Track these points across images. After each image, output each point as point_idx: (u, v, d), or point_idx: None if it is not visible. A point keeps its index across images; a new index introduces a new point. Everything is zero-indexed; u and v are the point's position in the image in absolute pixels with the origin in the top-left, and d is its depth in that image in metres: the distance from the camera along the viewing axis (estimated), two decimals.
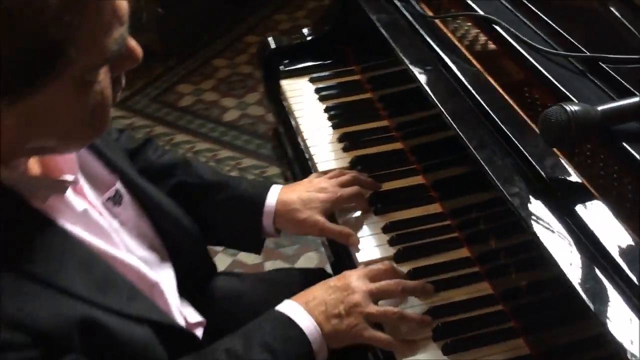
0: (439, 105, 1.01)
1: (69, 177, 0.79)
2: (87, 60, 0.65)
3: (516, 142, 0.89)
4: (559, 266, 0.74)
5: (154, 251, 1.00)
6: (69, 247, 0.77)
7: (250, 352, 0.87)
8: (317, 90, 1.43)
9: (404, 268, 1.04)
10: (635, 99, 0.83)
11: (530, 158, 0.86)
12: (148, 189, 1.00)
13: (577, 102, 0.85)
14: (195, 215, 1.09)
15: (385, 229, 1.11)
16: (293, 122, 1.39)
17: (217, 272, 1.21)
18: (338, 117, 1.36)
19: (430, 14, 1.21)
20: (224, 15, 3.20)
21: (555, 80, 0.94)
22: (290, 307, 0.92)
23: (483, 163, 0.89)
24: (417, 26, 1.17)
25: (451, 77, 1.05)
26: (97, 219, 0.85)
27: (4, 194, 0.72)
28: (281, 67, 1.50)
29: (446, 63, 1.07)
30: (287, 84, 1.47)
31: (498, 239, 1.00)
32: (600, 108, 0.82)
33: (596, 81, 0.94)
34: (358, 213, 1.16)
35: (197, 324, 1.04)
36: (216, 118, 2.73)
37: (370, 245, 1.10)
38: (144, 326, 0.83)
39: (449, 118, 0.98)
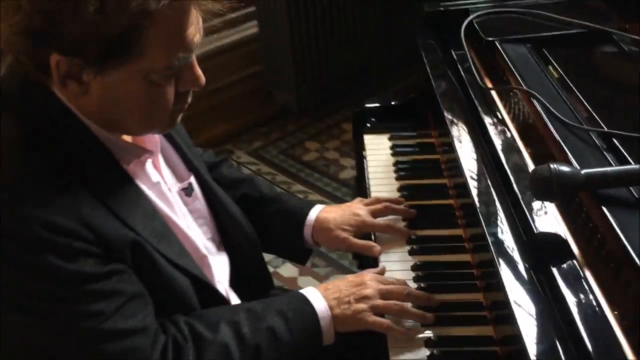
0: (465, 174, 1.15)
1: (151, 153, 1.04)
2: (151, 62, 0.88)
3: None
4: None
5: (213, 242, 1.21)
6: (139, 200, 1.00)
7: (267, 315, 1.05)
8: (393, 147, 1.60)
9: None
10: (620, 167, 0.92)
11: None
12: (217, 190, 1.23)
13: (564, 164, 0.96)
14: (254, 224, 1.29)
15: (414, 267, 1.24)
16: (365, 172, 1.57)
17: (273, 286, 1.39)
18: (404, 170, 1.52)
19: (489, 85, 1.36)
20: (357, 83, 3.46)
21: (568, 149, 1.05)
22: (309, 291, 1.10)
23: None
24: (473, 96, 1.32)
25: (485, 143, 1.19)
26: (167, 193, 1.08)
27: (102, 151, 0.97)
28: (368, 124, 1.70)
29: (487, 132, 1.21)
30: (368, 139, 1.65)
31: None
32: (584, 171, 0.92)
33: (606, 153, 1.03)
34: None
35: None
36: (333, 175, 2.96)
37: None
38: (185, 277, 1.03)
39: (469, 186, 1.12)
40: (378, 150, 1.61)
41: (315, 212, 1.32)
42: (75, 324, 0.91)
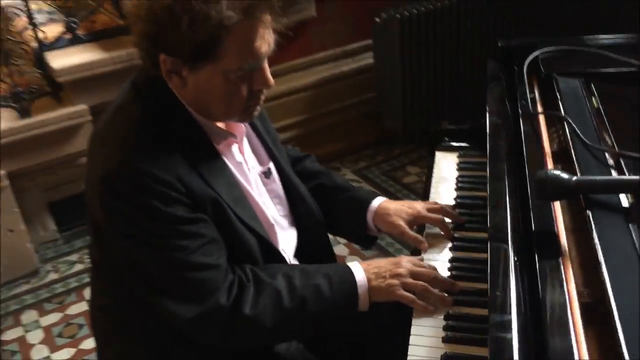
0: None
1: (236, 137, 1.34)
2: (228, 64, 1.18)
3: None
4: None
5: (285, 219, 1.48)
6: (224, 172, 1.30)
7: (316, 275, 1.31)
8: (458, 163, 1.81)
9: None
10: (608, 177, 1.09)
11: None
12: (292, 177, 1.50)
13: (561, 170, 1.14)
14: (327, 209, 1.56)
15: (451, 260, 1.44)
16: (431, 181, 1.78)
17: (334, 261, 1.63)
18: (463, 182, 1.72)
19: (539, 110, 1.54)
20: (461, 112, 3.64)
21: (578, 162, 1.22)
22: (354, 264, 1.35)
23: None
24: (522, 122, 1.51)
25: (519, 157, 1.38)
26: (247, 172, 1.37)
27: (199, 131, 1.28)
28: (442, 143, 1.91)
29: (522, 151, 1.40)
30: (440, 155, 1.87)
31: None
32: (575, 178, 1.10)
33: (612, 170, 1.20)
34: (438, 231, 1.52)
35: None
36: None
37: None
38: (252, 236, 1.31)
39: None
40: (446, 164, 1.82)
41: (378, 201, 1.56)
42: (166, 254, 1.21)
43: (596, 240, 1.02)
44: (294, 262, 1.49)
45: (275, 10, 1.22)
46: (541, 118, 1.51)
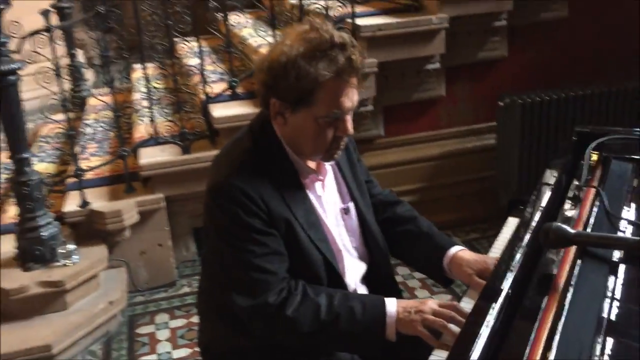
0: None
1: (319, 175, 1.71)
2: (318, 111, 1.54)
3: None
4: None
5: (356, 251, 1.81)
6: (304, 200, 1.66)
7: (354, 299, 1.61)
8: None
9: None
10: (602, 234, 1.32)
11: None
12: (368, 218, 1.82)
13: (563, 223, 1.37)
14: (412, 253, 1.87)
15: None
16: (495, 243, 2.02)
17: (398, 291, 1.91)
18: None
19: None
20: None
21: (592, 221, 1.45)
22: (388, 299, 1.61)
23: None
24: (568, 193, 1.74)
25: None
26: (325, 205, 1.72)
27: (290, 166, 1.65)
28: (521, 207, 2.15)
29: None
30: (511, 220, 2.11)
31: None
32: (573, 231, 1.34)
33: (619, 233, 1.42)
34: None
35: None
36: None
37: None
38: (319, 256, 1.64)
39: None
40: (512, 226, 2.06)
41: (454, 250, 1.81)
42: (237, 253, 1.58)
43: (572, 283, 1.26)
44: (361, 286, 1.80)
45: (360, 76, 1.59)
46: (591, 191, 1.74)
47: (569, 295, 1.22)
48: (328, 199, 1.76)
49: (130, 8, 3.39)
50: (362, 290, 1.81)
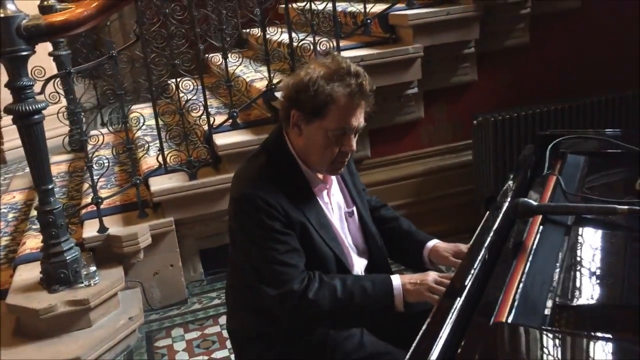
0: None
1: (326, 184, 2.02)
2: (328, 124, 1.85)
3: None
4: None
5: (357, 248, 2.12)
6: (315, 206, 1.97)
7: (364, 279, 1.91)
8: None
9: None
10: (559, 203, 1.66)
11: None
12: (367, 220, 2.14)
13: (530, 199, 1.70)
14: (396, 246, 2.19)
15: None
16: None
17: None
18: None
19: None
20: None
21: (551, 200, 1.79)
22: (393, 276, 1.93)
23: None
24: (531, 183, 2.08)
25: None
26: (332, 209, 2.03)
27: (302, 177, 1.96)
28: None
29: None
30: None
31: None
32: (536, 204, 1.67)
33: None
34: None
35: None
36: None
37: None
38: (331, 252, 1.95)
39: None
40: None
41: (432, 243, 2.15)
42: (263, 251, 1.87)
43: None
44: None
45: (369, 100, 1.89)
46: (552, 178, 2.08)
47: (534, 250, 1.55)
48: (334, 204, 2.07)
49: (134, 52, 3.72)
50: None
